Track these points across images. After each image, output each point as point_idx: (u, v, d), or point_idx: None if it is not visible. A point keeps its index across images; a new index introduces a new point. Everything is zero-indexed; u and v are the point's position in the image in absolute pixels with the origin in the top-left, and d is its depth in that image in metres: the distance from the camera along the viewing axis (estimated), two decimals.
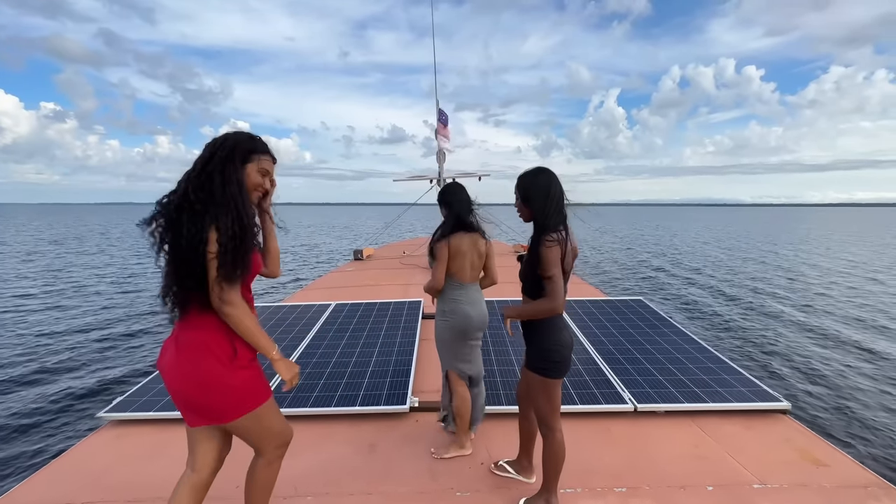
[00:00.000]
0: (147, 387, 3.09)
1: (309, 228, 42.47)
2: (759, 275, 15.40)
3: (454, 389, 2.35)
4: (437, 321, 2.39)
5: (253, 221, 1.50)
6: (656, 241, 30.07)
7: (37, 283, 13.12)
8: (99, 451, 2.49)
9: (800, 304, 10.73)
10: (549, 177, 1.82)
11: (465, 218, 2.37)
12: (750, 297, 11.77)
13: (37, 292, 11.84)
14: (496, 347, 3.65)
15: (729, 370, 3.21)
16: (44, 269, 16.05)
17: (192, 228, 1.36)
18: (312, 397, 2.88)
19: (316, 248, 24.45)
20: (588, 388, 2.95)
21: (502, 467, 2.24)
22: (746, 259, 20.21)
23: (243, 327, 1.44)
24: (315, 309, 4.69)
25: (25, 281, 13.51)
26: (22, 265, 16.84)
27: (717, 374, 3.14)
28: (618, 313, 4.47)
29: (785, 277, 14.87)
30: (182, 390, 1.46)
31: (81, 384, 5.75)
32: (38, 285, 12.82)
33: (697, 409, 2.75)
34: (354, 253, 8.94)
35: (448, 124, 7.09)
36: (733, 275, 15.47)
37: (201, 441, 1.62)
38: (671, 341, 3.76)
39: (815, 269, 17.05)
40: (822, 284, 13.54)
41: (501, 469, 2.24)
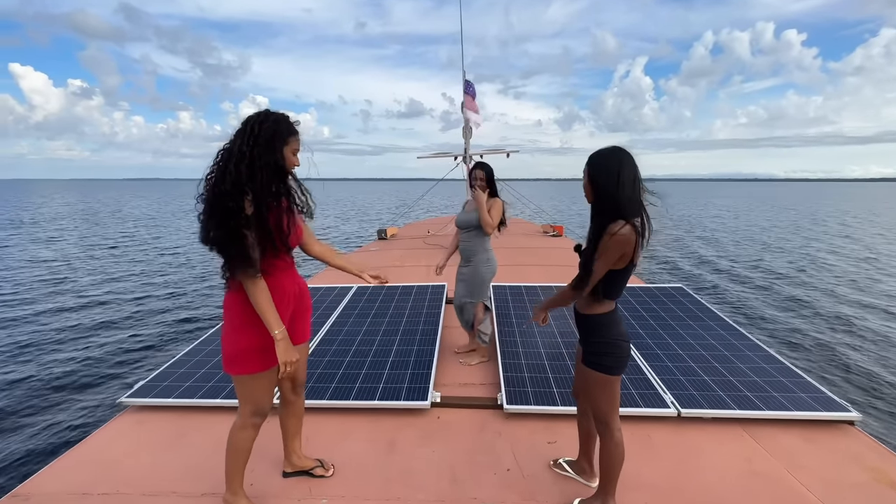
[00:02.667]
0: (168, 371, 3.07)
1: (336, 205, 42.74)
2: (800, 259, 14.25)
3: (477, 315, 3.21)
4: (482, 267, 3.15)
5: (287, 198, 1.68)
6: (686, 220, 28.70)
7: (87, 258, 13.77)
8: (118, 438, 2.47)
9: (859, 295, 9.74)
10: (620, 159, 1.58)
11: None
12: (796, 283, 10.88)
13: (84, 267, 12.42)
14: (545, 339, 3.44)
15: (785, 372, 2.88)
16: (100, 242, 16.87)
17: (236, 207, 1.51)
18: (330, 389, 2.77)
19: (341, 226, 24.51)
20: (625, 388, 2.71)
21: (561, 466, 2.14)
22: (786, 240, 18.92)
23: (254, 299, 1.61)
24: (337, 292, 4.60)
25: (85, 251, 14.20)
26: (83, 239, 17.76)
27: (772, 377, 2.82)
28: (656, 302, 4.15)
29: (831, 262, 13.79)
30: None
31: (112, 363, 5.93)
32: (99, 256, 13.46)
33: (749, 417, 2.47)
34: (378, 233, 8.83)
35: (476, 96, 6.66)
36: (771, 257, 14.43)
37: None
38: (717, 336, 3.44)
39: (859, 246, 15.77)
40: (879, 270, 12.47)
41: (560, 468, 2.14)
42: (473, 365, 3.26)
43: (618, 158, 1.58)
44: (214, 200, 1.53)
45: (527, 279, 5.21)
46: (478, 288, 3.20)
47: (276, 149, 1.60)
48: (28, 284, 10.35)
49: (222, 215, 1.51)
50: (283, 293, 1.73)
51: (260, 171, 1.55)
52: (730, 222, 26.39)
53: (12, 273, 11.54)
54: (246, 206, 1.53)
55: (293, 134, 1.66)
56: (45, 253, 14.75)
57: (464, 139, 6.76)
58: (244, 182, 1.53)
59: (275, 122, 1.61)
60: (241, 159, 1.54)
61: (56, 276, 11.26)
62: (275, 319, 1.62)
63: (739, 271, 12.33)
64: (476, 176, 3.12)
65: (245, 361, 1.68)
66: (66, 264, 12.81)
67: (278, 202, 1.64)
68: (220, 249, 1.56)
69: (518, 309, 4.01)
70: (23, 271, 11.80)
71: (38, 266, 12.48)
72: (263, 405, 1.77)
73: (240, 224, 1.52)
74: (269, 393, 1.78)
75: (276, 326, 1.61)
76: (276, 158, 1.60)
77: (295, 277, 1.84)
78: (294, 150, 1.68)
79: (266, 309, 1.60)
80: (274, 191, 1.62)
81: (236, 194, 1.51)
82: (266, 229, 1.58)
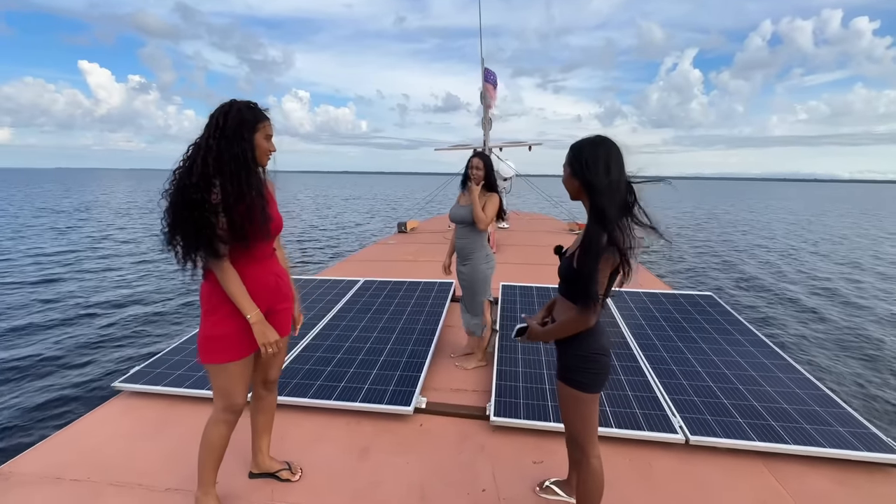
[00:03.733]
0: (164, 358, 3.09)
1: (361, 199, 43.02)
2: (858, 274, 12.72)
3: (485, 313, 3.06)
4: (482, 265, 3.01)
5: (258, 189, 1.62)
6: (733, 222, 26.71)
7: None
8: (104, 423, 2.49)
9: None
10: (608, 150, 1.37)
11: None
12: (855, 305, 9.41)
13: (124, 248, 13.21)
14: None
15: (823, 400, 2.51)
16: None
17: (200, 198, 1.49)
18: (314, 387, 2.68)
19: (365, 221, 24.60)
20: (628, 407, 2.44)
21: (549, 489, 1.94)
22: (837, 248, 17.19)
23: (224, 285, 1.59)
24: (343, 285, 4.53)
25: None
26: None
27: (806, 405, 2.46)
28: (680, 311, 3.79)
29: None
30: None
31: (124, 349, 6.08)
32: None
33: (772, 451, 2.15)
34: (398, 225, 8.76)
35: (497, 85, 6.36)
36: (827, 269, 13.01)
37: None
38: (745, 353, 3.07)
39: None
40: None
41: (549, 491, 1.94)
42: (469, 369, 3.08)
43: (606, 149, 1.37)
44: (178, 194, 1.51)
45: (543, 279, 4.93)
46: (481, 286, 3.04)
47: (245, 138, 1.57)
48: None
49: (187, 207, 1.49)
50: (256, 284, 1.69)
51: (227, 162, 1.53)
52: (797, 229, 23.64)
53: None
54: (212, 197, 1.51)
55: (262, 119, 1.63)
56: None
57: (483, 131, 6.51)
58: (211, 175, 1.51)
59: (238, 111, 1.57)
60: (207, 152, 1.52)
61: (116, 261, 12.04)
62: (248, 303, 1.61)
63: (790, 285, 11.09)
64: (473, 165, 2.90)
65: (215, 350, 1.65)
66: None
67: (249, 192, 1.60)
68: (186, 240, 1.54)
69: (526, 311, 3.77)
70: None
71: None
72: (235, 399, 1.72)
73: (204, 214, 1.49)
74: (241, 385, 1.72)
75: (249, 310, 1.61)
76: (243, 148, 1.57)
77: (271, 268, 1.78)
78: (267, 136, 1.65)
79: (236, 292, 1.60)
80: (243, 181, 1.58)
81: (203, 186, 1.50)
82: (233, 219, 1.55)
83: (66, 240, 14.84)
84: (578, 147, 1.41)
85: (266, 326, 1.65)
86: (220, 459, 1.78)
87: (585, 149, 1.39)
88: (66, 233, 16.44)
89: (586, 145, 1.39)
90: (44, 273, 10.00)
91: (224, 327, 1.64)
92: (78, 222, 19.68)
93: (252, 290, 1.66)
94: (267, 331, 1.65)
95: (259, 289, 1.70)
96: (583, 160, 1.38)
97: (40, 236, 15.37)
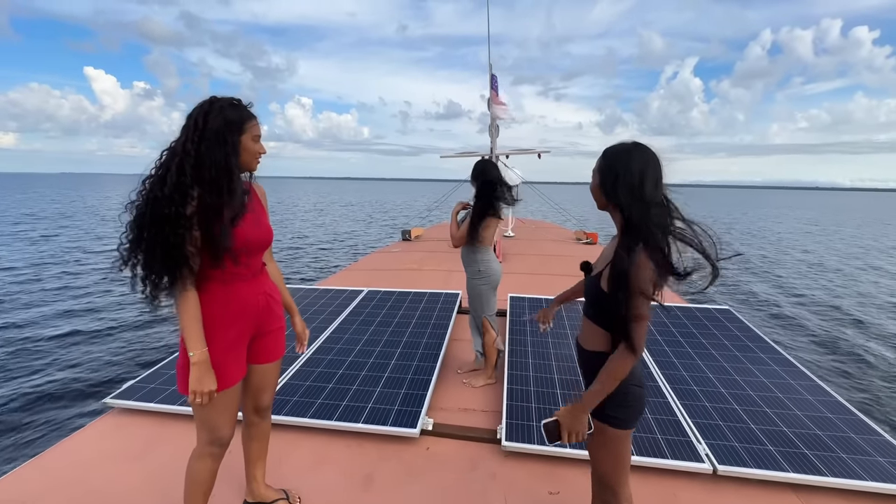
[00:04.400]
0: (159, 372, 2.96)
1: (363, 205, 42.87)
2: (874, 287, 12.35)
3: (487, 331, 2.92)
4: (474, 280, 2.87)
5: (241, 199, 1.46)
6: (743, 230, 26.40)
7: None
8: (91, 443, 2.35)
9: None
10: (645, 157, 1.23)
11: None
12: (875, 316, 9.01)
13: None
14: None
15: (858, 426, 2.34)
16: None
17: (173, 214, 1.31)
18: (315, 406, 2.54)
19: (369, 227, 24.42)
20: (649, 432, 2.29)
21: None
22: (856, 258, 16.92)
23: (179, 311, 1.40)
24: (346, 295, 4.40)
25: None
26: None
27: (839, 431, 2.30)
28: (697, 326, 3.63)
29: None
30: None
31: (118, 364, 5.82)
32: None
33: (807, 483, 1.98)
34: (402, 233, 8.64)
35: (500, 91, 6.27)
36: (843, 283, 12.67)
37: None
38: (769, 372, 2.91)
39: None
40: None
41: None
42: (478, 387, 2.93)
43: (643, 156, 1.23)
44: (147, 207, 1.32)
45: (551, 290, 4.79)
46: (477, 301, 2.91)
47: (228, 141, 1.39)
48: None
49: (155, 223, 1.30)
50: (242, 305, 1.52)
51: (208, 169, 1.35)
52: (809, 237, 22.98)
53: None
54: (187, 210, 1.33)
55: (248, 119, 1.45)
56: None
57: (490, 138, 6.40)
58: (188, 185, 1.33)
59: (221, 109, 1.39)
60: (185, 158, 1.34)
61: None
62: (196, 338, 1.39)
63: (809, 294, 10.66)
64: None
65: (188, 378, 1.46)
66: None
67: (231, 204, 1.41)
68: (148, 261, 1.34)
69: (535, 325, 3.63)
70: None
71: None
72: (220, 432, 1.55)
73: (177, 231, 1.31)
74: (225, 418, 1.55)
75: (193, 347, 1.38)
76: (226, 153, 1.38)
77: (260, 287, 1.60)
78: (255, 136, 1.46)
79: (188, 324, 1.38)
80: (225, 191, 1.39)
81: (177, 199, 1.31)
82: (211, 236, 1.37)
83: (47, 246, 14.78)
84: (609, 154, 1.28)
85: (205, 373, 1.40)
86: (208, 493, 1.63)
87: (615, 156, 1.25)
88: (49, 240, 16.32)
89: (616, 152, 1.26)
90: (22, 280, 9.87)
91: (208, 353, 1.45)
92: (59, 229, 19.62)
93: (238, 312, 1.50)
94: (204, 377, 1.39)
95: (248, 310, 1.54)
96: (612, 167, 1.25)
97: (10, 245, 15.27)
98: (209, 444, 1.55)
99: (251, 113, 1.47)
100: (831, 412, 2.46)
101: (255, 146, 1.48)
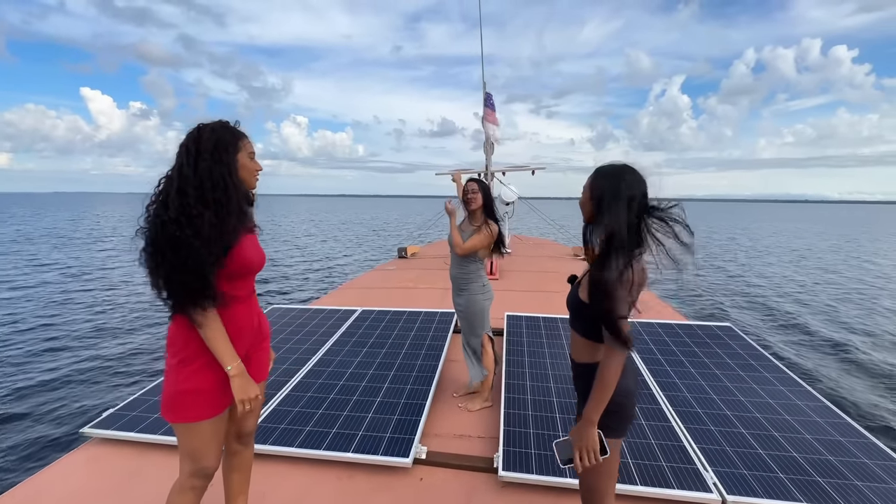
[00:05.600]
0: (140, 399, 2.83)
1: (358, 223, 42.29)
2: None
3: (486, 349, 2.84)
4: (478, 297, 2.76)
5: (245, 217, 1.49)
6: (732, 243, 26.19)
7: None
8: (62, 479, 2.20)
9: None
10: (634, 178, 1.31)
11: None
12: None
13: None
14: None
15: (870, 450, 2.24)
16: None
17: (182, 236, 1.32)
18: (303, 434, 2.42)
19: (362, 245, 24.11)
20: (653, 459, 2.18)
21: None
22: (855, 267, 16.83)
23: (205, 332, 1.40)
24: (339, 315, 4.30)
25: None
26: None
27: (852, 456, 2.20)
28: (699, 344, 3.54)
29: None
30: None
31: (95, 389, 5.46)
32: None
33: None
34: (399, 251, 8.58)
35: (495, 109, 6.31)
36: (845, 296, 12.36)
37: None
38: (775, 392, 2.81)
39: None
40: None
41: None
42: (474, 411, 2.82)
43: (632, 178, 1.30)
44: (156, 232, 1.34)
45: (549, 308, 4.71)
46: (479, 319, 2.81)
47: (223, 161, 1.41)
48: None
49: (170, 247, 1.32)
50: (239, 328, 1.51)
51: (209, 190, 1.38)
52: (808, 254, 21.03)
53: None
54: (195, 231, 1.35)
55: (241, 137, 1.48)
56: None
57: (485, 155, 6.40)
58: (191, 206, 1.35)
59: (212, 131, 1.42)
60: (184, 181, 1.36)
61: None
62: (230, 353, 1.43)
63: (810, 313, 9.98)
64: (469, 189, 2.73)
65: (188, 406, 1.44)
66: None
67: (237, 223, 1.45)
68: (173, 286, 1.36)
69: (533, 346, 3.53)
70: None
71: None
72: (206, 462, 1.50)
73: (193, 253, 1.33)
74: (214, 446, 1.51)
75: (229, 361, 1.42)
76: (223, 172, 1.40)
77: (254, 308, 1.61)
78: (250, 154, 1.50)
79: (220, 341, 1.41)
80: (229, 210, 1.42)
81: (182, 222, 1.33)
82: (223, 252, 1.39)
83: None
84: (602, 173, 1.34)
85: (247, 380, 1.45)
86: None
87: (610, 176, 1.32)
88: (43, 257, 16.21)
89: (606, 172, 1.33)
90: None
91: (200, 380, 1.44)
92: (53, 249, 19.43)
93: (235, 333, 1.48)
94: (248, 385, 1.45)
95: (244, 331, 1.53)
96: (605, 187, 1.30)
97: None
98: (193, 475, 1.50)
99: (241, 132, 1.48)
100: (841, 435, 2.36)
101: (252, 164, 1.50)
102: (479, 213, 2.74)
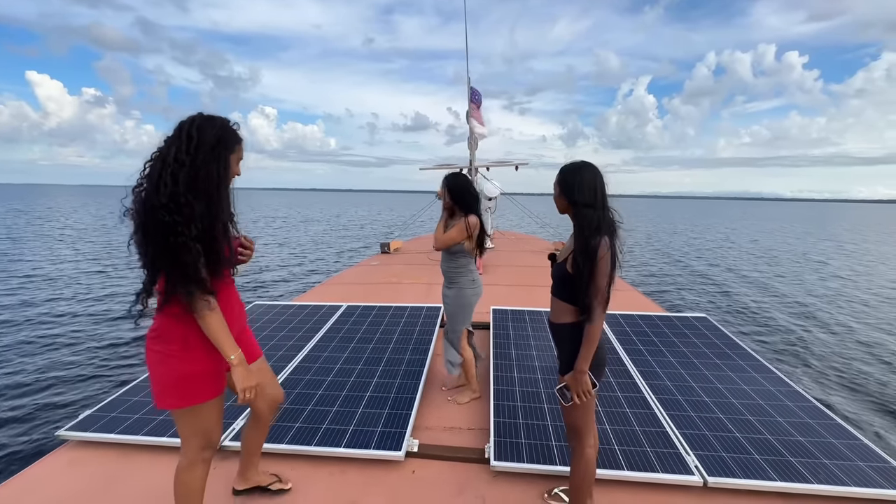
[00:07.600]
0: (120, 400, 2.74)
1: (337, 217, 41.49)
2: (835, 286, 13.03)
3: (464, 344, 2.88)
4: (467, 290, 2.78)
5: (229, 210, 1.51)
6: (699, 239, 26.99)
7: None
8: (38, 484, 2.12)
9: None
10: (594, 173, 1.64)
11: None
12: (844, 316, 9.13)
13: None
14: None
15: (837, 431, 2.39)
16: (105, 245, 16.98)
17: (172, 221, 1.33)
18: (293, 430, 2.40)
19: (344, 237, 23.73)
20: (638, 445, 2.26)
21: (558, 496, 1.99)
22: (813, 260, 17.69)
23: (206, 325, 1.42)
24: (324, 311, 4.25)
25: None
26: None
27: (820, 436, 2.34)
28: (677, 334, 3.68)
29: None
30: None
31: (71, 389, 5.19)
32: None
33: (795, 491, 1.99)
34: (381, 246, 8.53)
35: (481, 106, 6.33)
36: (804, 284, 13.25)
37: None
38: (749, 379, 2.95)
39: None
40: None
41: (557, 498, 1.98)
42: (463, 403, 2.85)
43: (592, 172, 1.61)
44: (147, 216, 1.35)
45: (533, 302, 4.78)
46: (463, 313, 2.83)
47: (221, 157, 1.45)
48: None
49: (159, 232, 1.33)
50: (231, 310, 1.57)
51: (202, 180, 1.40)
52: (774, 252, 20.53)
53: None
54: (185, 219, 1.36)
55: (240, 141, 1.54)
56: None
57: (469, 150, 6.42)
58: (182, 193, 1.35)
59: (221, 127, 1.46)
60: (178, 168, 1.37)
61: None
62: (231, 343, 1.48)
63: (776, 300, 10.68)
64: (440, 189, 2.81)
65: (196, 389, 1.50)
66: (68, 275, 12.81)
67: (224, 214, 1.49)
68: (165, 271, 1.39)
69: (519, 338, 3.59)
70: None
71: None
72: (215, 436, 1.61)
73: (181, 240, 1.34)
74: (219, 421, 1.61)
75: (231, 351, 1.47)
76: (219, 167, 1.44)
77: (235, 292, 1.68)
78: (239, 159, 1.55)
79: (222, 334, 1.45)
80: (219, 202, 1.45)
81: (173, 207, 1.34)
82: (210, 245, 1.42)
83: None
84: (566, 170, 1.64)
85: (248, 369, 1.52)
86: (202, 501, 1.63)
87: (571, 172, 1.62)
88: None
89: (572, 169, 1.63)
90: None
91: (206, 363, 1.49)
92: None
93: (227, 316, 1.51)
94: (251, 374, 1.51)
95: (233, 314, 1.59)
96: (569, 181, 1.61)
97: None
98: (202, 449, 1.58)
99: (240, 136, 1.53)
100: (811, 417, 2.51)
101: (236, 168, 1.53)
102: (454, 209, 2.76)
